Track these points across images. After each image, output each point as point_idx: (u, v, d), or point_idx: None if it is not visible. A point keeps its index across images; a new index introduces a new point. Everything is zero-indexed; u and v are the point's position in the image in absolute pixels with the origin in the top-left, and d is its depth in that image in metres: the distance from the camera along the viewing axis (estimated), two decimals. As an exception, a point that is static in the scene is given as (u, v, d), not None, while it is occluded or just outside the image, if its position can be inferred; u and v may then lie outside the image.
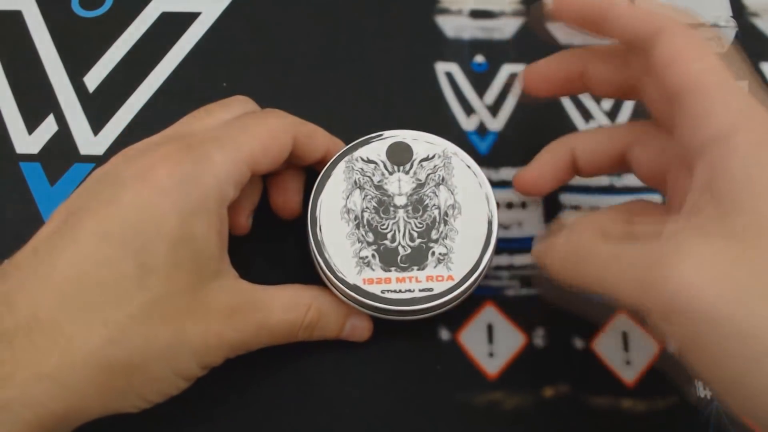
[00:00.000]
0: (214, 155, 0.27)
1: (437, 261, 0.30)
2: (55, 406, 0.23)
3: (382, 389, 0.32)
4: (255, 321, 0.28)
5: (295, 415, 0.31)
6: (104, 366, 0.24)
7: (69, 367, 0.23)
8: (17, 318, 0.23)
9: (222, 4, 0.42)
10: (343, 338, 0.31)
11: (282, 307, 0.29)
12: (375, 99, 0.39)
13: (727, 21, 0.41)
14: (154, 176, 0.26)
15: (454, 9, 0.42)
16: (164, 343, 0.25)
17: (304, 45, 0.40)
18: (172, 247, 0.25)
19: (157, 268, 0.25)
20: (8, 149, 0.37)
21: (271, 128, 0.30)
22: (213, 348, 0.27)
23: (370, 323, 0.32)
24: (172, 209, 0.26)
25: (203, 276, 0.27)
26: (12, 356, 0.23)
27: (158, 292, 0.25)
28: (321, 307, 0.30)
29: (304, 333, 0.30)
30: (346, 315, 0.31)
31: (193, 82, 0.39)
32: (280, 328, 0.29)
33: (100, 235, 0.25)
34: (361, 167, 0.31)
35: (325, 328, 0.30)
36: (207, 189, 0.27)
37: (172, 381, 0.27)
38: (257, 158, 0.29)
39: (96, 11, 0.41)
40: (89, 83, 0.39)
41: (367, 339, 0.32)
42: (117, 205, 0.25)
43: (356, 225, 0.30)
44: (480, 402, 0.32)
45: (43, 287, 0.24)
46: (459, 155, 0.32)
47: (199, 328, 0.26)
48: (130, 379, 0.25)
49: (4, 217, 0.36)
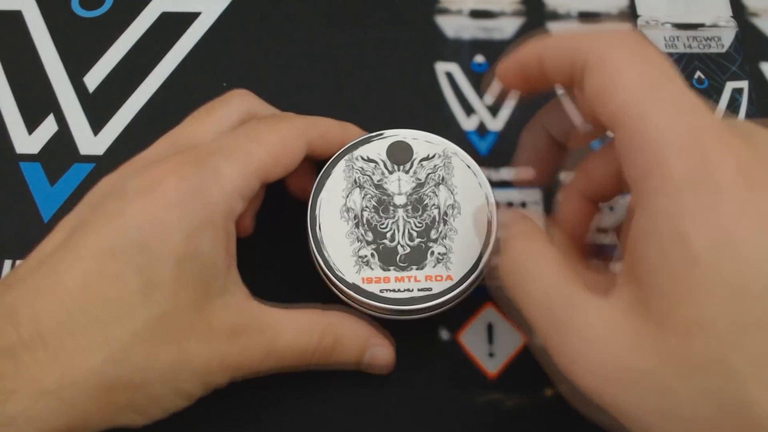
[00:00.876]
0: (223, 168, 0.27)
1: (436, 261, 0.30)
2: (58, 421, 0.23)
3: (382, 389, 0.32)
4: (262, 344, 0.27)
5: (293, 415, 0.31)
6: (105, 384, 0.24)
7: (71, 384, 0.23)
8: (20, 333, 0.23)
9: (222, 4, 0.42)
10: (362, 369, 0.30)
11: (293, 331, 0.28)
12: (375, 99, 0.39)
13: (727, 21, 0.41)
14: (160, 190, 0.25)
15: (454, 9, 0.42)
16: (166, 363, 0.25)
17: (304, 45, 0.40)
18: (178, 264, 0.25)
19: (162, 285, 0.25)
20: (8, 149, 0.37)
21: (283, 136, 0.29)
22: (216, 369, 0.26)
23: (392, 352, 0.30)
24: (178, 225, 0.25)
25: (209, 293, 0.26)
26: (15, 371, 0.23)
27: (163, 309, 0.25)
28: (337, 334, 0.29)
29: (318, 360, 0.29)
30: (366, 343, 0.30)
31: (193, 82, 0.39)
32: (290, 354, 0.28)
33: (105, 250, 0.25)
34: (361, 166, 0.31)
35: (342, 356, 0.29)
36: (214, 204, 0.26)
37: (173, 400, 0.26)
38: (268, 169, 0.28)
39: (96, 11, 0.41)
40: (89, 83, 0.39)
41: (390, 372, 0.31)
42: (123, 219, 0.25)
43: (356, 224, 0.30)
44: (480, 402, 0.31)
45: (46, 302, 0.24)
46: (459, 155, 0.32)
47: (203, 348, 0.26)
48: (131, 397, 0.25)
49: (4, 217, 0.36)
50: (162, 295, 0.25)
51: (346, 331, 0.29)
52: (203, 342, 0.26)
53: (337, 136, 0.32)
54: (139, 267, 0.25)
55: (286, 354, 0.28)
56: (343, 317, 0.29)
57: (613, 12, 0.42)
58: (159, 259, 0.25)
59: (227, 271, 0.27)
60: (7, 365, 0.23)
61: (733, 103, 0.39)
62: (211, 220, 0.26)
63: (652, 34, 0.41)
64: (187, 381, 0.26)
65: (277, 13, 0.41)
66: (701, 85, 0.39)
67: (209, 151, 0.27)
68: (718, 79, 0.40)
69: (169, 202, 0.25)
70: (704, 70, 0.40)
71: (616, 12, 0.42)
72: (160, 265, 0.25)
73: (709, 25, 0.41)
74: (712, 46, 0.41)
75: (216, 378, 0.27)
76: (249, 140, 0.28)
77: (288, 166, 0.29)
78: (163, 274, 0.25)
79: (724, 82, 0.39)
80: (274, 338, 0.27)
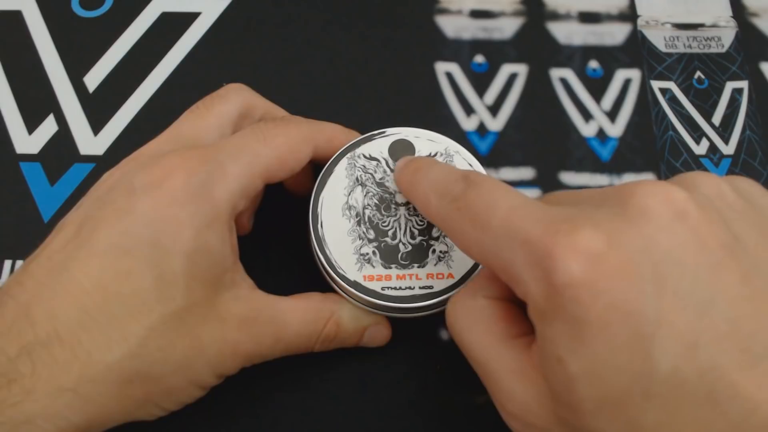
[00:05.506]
0: (229, 167, 0.27)
1: (437, 259, 0.30)
2: (77, 418, 0.23)
3: (382, 389, 0.32)
4: (271, 333, 0.28)
5: (294, 415, 0.31)
6: (123, 379, 0.24)
7: (89, 380, 0.23)
8: (37, 331, 0.23)
9: (222, 4, 0.42)
10: (361, 345, 0.31)
11: (299, 320, 0.29)
12: (374, 99, 0.39)
13: (727, 21, 0.42)
14: (168, 186, 0.26)
15: (454, 9, 0.42)
16: (181, 355, 0.25)
17: (304, 45, 0.40)
18: (188, 259, 0.25)
19: (175, 280, 0.25)
20: (8, 149, 0.37)
21: (290, 138, 0.29)
22: (229, 358, 0.27)
23: (388, 329, 0.31)
24: (187, 221, 0.25)
25: (219, 287, 0.27)
26: (33, 370, 0.23)
27: (176, 303, 0.25)
28: (339, 320, 0.30)
29: (321, 345, 0.30)
30: (365, 326, 0.31)
31: (193, 82, 0.39)
32: (297, 340, 0.29)
33: (117, 247, 0.25)
34: (363, 164, 0.31)
35: (344, 340, 0.30)
36: (220, 201, 0.26)
37: (189, 391, 0.26)
38: (273, 170, 0.28)
39: (96, 11, 0.41)
40: (89, 83, 0.39)
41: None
42: (133, 215, 0.25)
43: (357, 222, 0.30)
44: (480, 402, 0.31)
45: (61, 299, 0.24)
46: (461, 154, 0.32)
47: (216, 339, 0.26)
48: (148, 390, 0.25)
49: (4, 217, 0.36)
50: (175, 290, 0.25)
51: (347, 317, 0.30)
52: (216, 333, 0.26)
53: (342, 142, 0.32)
54: (152, 263, 0.25)
55: (293, 341, 0.29)
56: (343, 302, 0.30)
57: (613, 12, 0.42)
58: (170, 255, 0.25)
59: (234, 266, 0.28)
60: (25, 364, 0.23)
61: (733, 103, 0.39)
62: (218, 217, 0.26)
63: (652, 34, 0.41)
64: (202, 371, 0.26)
65: (277, 13, 0.42)
66: (701, 85, 0.39)
67: (216, 149, 0.27)
68: (718, 79, 0.40)
69: (178, 198, 0.25)
70: (704, 70, 0.40)
71: (616, 12, 0.42)
72: (171, 260, 0.25)
73: (709, 25, 0.42)
74: (712, 46, 0.41)
75: (229, 367, 0.27)
76: (257, 140, 0.28)
77: (293, 168, 0.29)
78: (175, 270, 0.25)
79: (724, 82, 0.40)
80: (282, 327, 0.28)
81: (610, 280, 0.19)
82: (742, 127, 0.38)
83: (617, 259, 0.19)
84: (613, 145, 0.38)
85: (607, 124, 0.38)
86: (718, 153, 0.38)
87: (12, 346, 0.23)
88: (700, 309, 0.19)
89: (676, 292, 0.19)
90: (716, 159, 0.37)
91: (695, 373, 0.19)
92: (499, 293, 0.25)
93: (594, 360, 0.19)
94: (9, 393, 0.22)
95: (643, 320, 0.19)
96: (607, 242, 0.19)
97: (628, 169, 0.37)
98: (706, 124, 0.38)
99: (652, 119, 0.39)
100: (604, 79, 0.40)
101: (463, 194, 0.24)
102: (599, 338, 0.19)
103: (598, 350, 0.19)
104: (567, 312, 0.20)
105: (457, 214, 0.24)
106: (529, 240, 0.21)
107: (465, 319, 0.25)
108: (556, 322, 0.20)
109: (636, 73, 0.40)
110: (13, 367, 0.23)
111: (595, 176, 0.37)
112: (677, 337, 0.19)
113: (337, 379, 0.32)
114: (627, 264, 0.19)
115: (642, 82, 0.40)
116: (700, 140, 0.38)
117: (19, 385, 0.22)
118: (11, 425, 0.22)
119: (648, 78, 0.40)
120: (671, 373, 0.19)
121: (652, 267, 0.19)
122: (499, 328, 0.24)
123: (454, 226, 0.24)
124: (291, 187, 0.34)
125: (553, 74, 0.40)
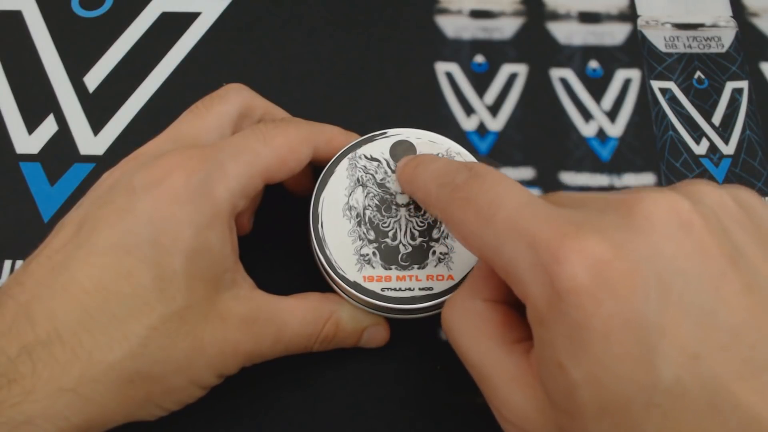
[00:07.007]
0: (229, 166, 0.27)
1: (438, 260, 0.30)
2: (77, 419, 0.23)
3: (383, 389, 0.32)
4: (271, 332, 0.28)
5: (294, 415, 0.31)
6: (125, 379, 0.24)
7: (90, 380, 0.23)
8: (37, 331, 0.23)
9: (222, 4, 0.42)
10: (359, 346, 0.31)
11: (299, 321, 0.29)
12: (374, 99, 0.39)
13: (727, 21, 0.42)
14: (168, 185, 0.26)
15: (454, 9, 0.42)
16: (182, 354, 0.25)
17: (304, 45, 0.40)
18: (189, 258, 0.25)
19: (176, 280, 0.25)
20: (8, 149, 0.37)
21: (290, 139, 0.29)
22: (229, 358, 0.27)
23: (387, 330, 0.32)
24: (187, 220, 0.25)
25: (219, 286, 0.27)
26: (33, 370, 0.23)
27: (177, 303, 0.25)
28: (339, 321, 0.30)
29: (320, 345, 0.30)
30: (364, 327, 0.31)
31: (193, 82, 0.39)
32: (297, 340, 0.29)
33: (118, 246, 0.25)
34: (364, 165, 0.31)
35: (343, 340, 0.30)
36: (220, 201, 0.26)
37: (189, 390, 0.26)
38: (273, 171, 0.28)
39: (96, 11, 0.41)
40: (89, 83, 0.39)
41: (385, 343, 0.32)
42: (133, 214, 0.25)
43: (358, 222, 0.30)
44: (480, 402, 0.31)
45: (61, 299, 0.24)
46: (462, 155, 0.32)
47: (217, 338, 0.26)
48: (148, 390, 0.25)
49: (4, 217, 0.36)
50: (176, 290, 0.25)
51: (346, 317, 0.30)
52: (217, 332, 0.26)
53: (342, 144, 0.32)
54: (152, 262, 0.25)
55: (293, 340, 0.29)
56: (342, 302, 0.30)
57: (613, 12, 0.42)
58: (171, 254, 0.25)
59: (234, 265, 0.28)
60: (25, 364, 0.23)
61: (733, 103, 0.39)
62: (218, 217, 0.26)
63: (652, 34, 0.41)
64: (203, 370, 0.26)
65: (277, 13, 0.42)
66: (701, 85, 0.39)
67: (216, 149, 0.27)
68: (718, 79, 0.40)
69: (178, 197, 0.25)
70: (704, 70, 0.40)
71: (616, 12, 0.42)
72: (172, 259, 0.25)
73: (709, 25, 0.42)
74: (712, 46, 0.41)
75: (229, 366, 0.27)
76: (257, 140, 0.28)
77: (293, 169, 0.29)
78: (175, 269, 0.25)
79: (724, 82, 0.40)
80: (282, 326, 0.28)
81: (615, 287, 0.19)
82: (742, 127, 0.38)
83: (622, 266, 0.19)
84: (613, 145, 0.38)
85: (607, 124, 0.38)
86: (718, 153, 0.38)
87: (12, 346, 0.23)
88: (703, 319, 0.19)
89: (679, 302, 0.19)
90: (716, 159, 0.37)
91: (697, 383, 0.19)
92: (495, 294, 0.25)
93: (596, 367, 0.19)
94: (9, 393, 0.22)
95: (647, 329, 0.19)
96: (613, 250, 0.19)
97: (628, 169, 0.37)
98: (706, 124, 0.38)
99: (652, 119, 0.39)
100: (604, 79, 0.40)
101: (465, 183, 0.24)
102: (602, 345, 0.19)
103: (600, 357, 0.19)
104: (569, 317, 0.20)
105: (459, 204, 0.24)
106: (535, 241, 0.20)
107: (462, 322, 0.25)
108: (557, 327, 0.20)
109: (636, 73, 0.40)
110: (13, 367, 0.22)
111: (595, 176, 0.37)
112: (680, 347, 0.19)
113: (336, 379, 0.32)
114: (632, 272, 0.19)
115: (642, 82, 0.40)
116: (700, 140, 0.38)
117: (20, 386, 0.22)
118: (11, 425, 0.22)
119: (648, 78, 0.40)
120: (674, 383, 0.19)
121: (657, 276, 0.19)
122: (497, 333, 0.24)
123: (455, 215, 0.24)
124: (291, 188, 0.34)
125: (553, 74, 0.40)
